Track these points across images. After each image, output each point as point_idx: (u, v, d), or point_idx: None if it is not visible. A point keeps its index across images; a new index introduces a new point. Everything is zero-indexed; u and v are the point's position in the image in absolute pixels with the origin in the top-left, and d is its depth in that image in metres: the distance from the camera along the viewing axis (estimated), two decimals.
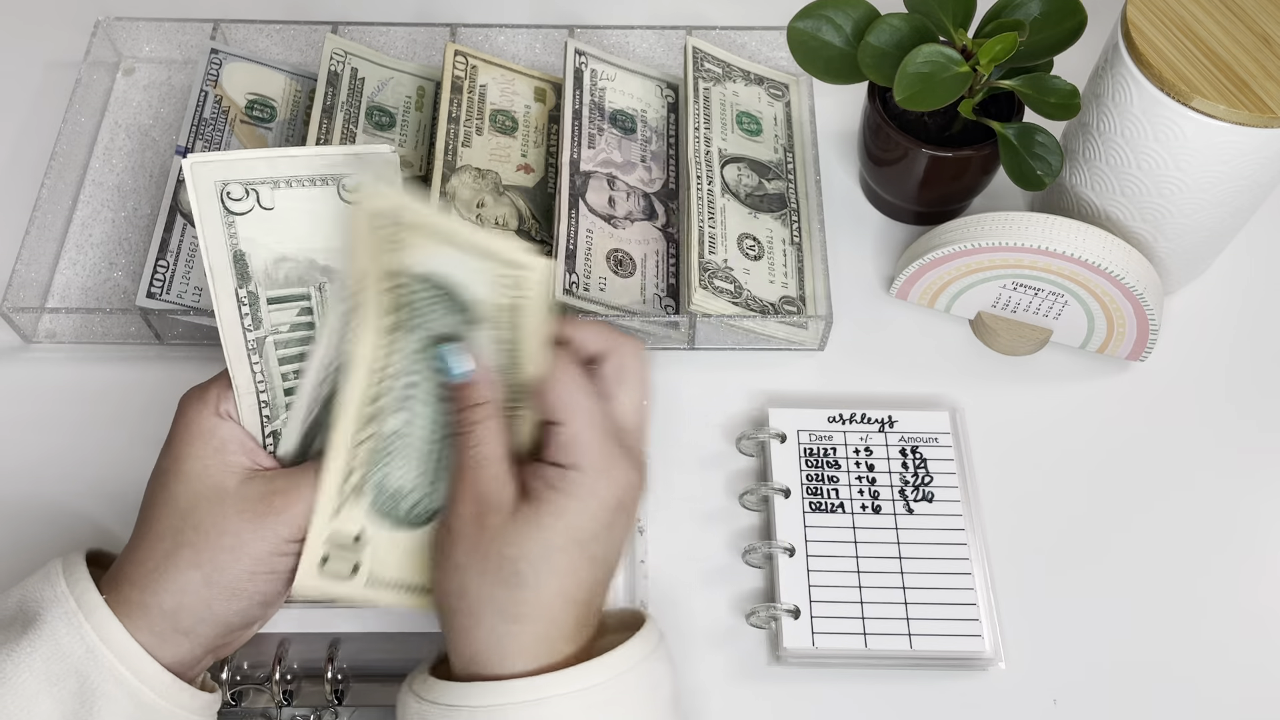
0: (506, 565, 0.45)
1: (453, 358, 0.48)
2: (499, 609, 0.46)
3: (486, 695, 0.45)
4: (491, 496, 0.47)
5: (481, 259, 0.46)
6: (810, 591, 0.59)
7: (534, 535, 0.45)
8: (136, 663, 0.47)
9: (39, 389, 0.67)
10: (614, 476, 0.47)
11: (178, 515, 0.48)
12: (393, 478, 0.50)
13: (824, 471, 0.63)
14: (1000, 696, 0.59)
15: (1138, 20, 0.61)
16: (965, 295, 0.68)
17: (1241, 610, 0.61)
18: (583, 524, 0.46)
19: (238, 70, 0.74)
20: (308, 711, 0.58)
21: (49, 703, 0.46)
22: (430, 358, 0.49)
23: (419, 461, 0.50)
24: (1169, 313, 0.71)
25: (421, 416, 0.50)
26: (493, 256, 0.46)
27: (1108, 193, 0.65)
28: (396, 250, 0.46)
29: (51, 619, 0.47)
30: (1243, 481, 0.66)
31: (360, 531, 0.50)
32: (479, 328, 0.48)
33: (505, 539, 0.46)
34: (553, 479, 0.46)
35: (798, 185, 0.73)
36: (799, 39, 0.66)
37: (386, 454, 0.50)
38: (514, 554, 0.45)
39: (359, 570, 0.50)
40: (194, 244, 0.68)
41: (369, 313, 0.48)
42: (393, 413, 0.49)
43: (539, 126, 0.74)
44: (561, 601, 0.46)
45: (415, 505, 0.51)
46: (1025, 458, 0.66)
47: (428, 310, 0.48)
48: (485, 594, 0.46)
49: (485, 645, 0.46)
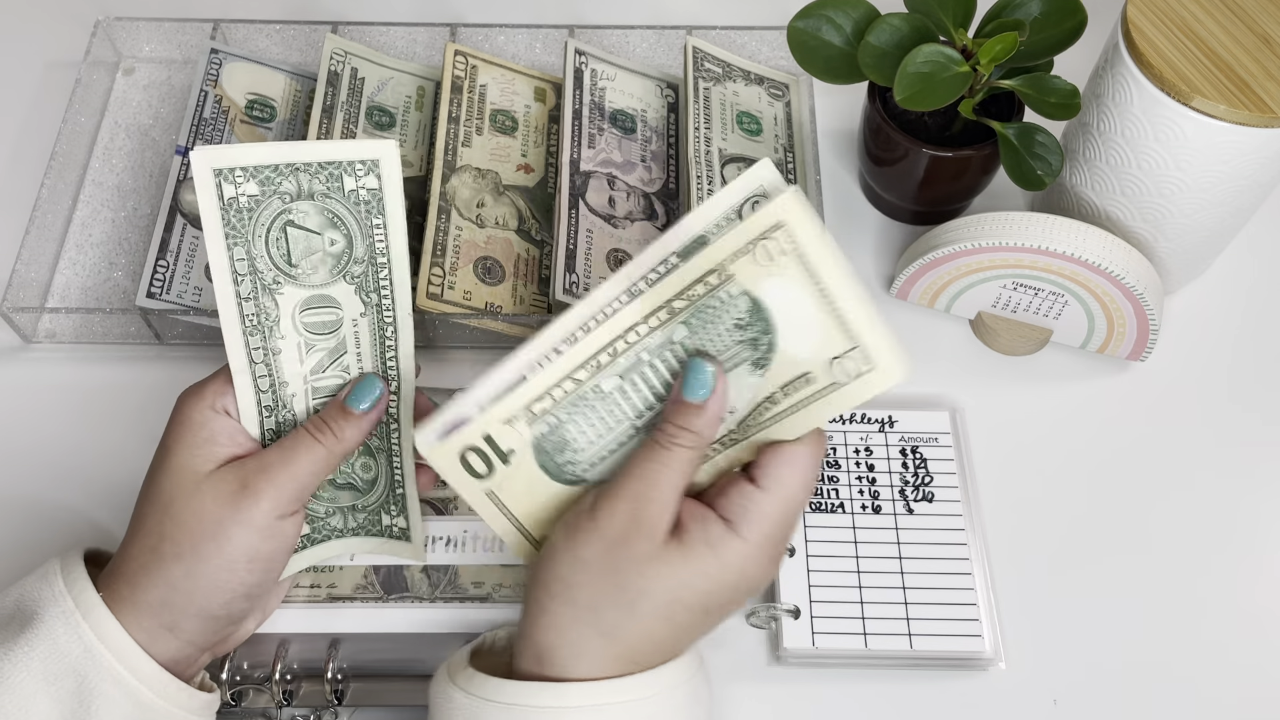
0: (629, 593, 0.45)
1: (701, 377, 0.46)
2: (599, 622, 0.45)
3: (545, 697, 0.45)
4: (649, 520, 0.45)
5: (842, 333, 0.44)
6: (810, 591, 0.59)
7: (669, 581, 0.45)
8: (134, 661, 0.47)
9: (39, 389, 0.67)
10: (763, 565, 0.46)
11: (161, 508, 0.48)
12: (571, 428, 0.49)
13: (824, 471, 0.63)
14: (1000, 696, 0.59)
15: (1138, 20, 0.61)
16: (965, 295, 0.68)
17: (1242, 610, 0.61)
18: (716, 592, 0.46)
19: (238, 70, 0.74)
20: (308, 711, 0.58)
21: (47, 702, 0.46)
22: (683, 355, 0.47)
23: (602, 431, 0.49)
24: (1169, 313, 0.71)
25: (635, 396, 0.48)
26: (859, 341, 0.44)
27: (1108, 193, 0.65)
28: (758, 263, 0.44)
29: (49, 618, 0.47)
30: (1243, 481, 0.66)
31: (512, 450, 0.49)
32: (760, 373, 0.46)
33: (641, 569, 0.45)
34: (714, 537, 0.45)
35: (798, 185, 0.73)
36: (799, 39, 0.66)
37: (583, 404, 0.48)
38: (643, 586, 0.45)
39: (488, 478, 0.49)
40: (194, 244, 0.68)
41: (669, 286, 0.46)
42: (615, 374, 0.48)
43: (539, 126, 0.74)
44: (656, 645, 0.46)
45: (572, 464, 0.49)
46: (1025, 458, 0.66)
47: (722, 324, 0.46)
48: (593, 603, 0.45)
49: (568, 647, 0.45)
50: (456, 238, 0.67)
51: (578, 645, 0.45)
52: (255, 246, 0.49)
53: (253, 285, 0.49)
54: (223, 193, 0.47)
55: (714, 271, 0.45)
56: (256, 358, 0.50)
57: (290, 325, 0.51)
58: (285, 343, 0.51)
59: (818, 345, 0.45)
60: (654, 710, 0.46)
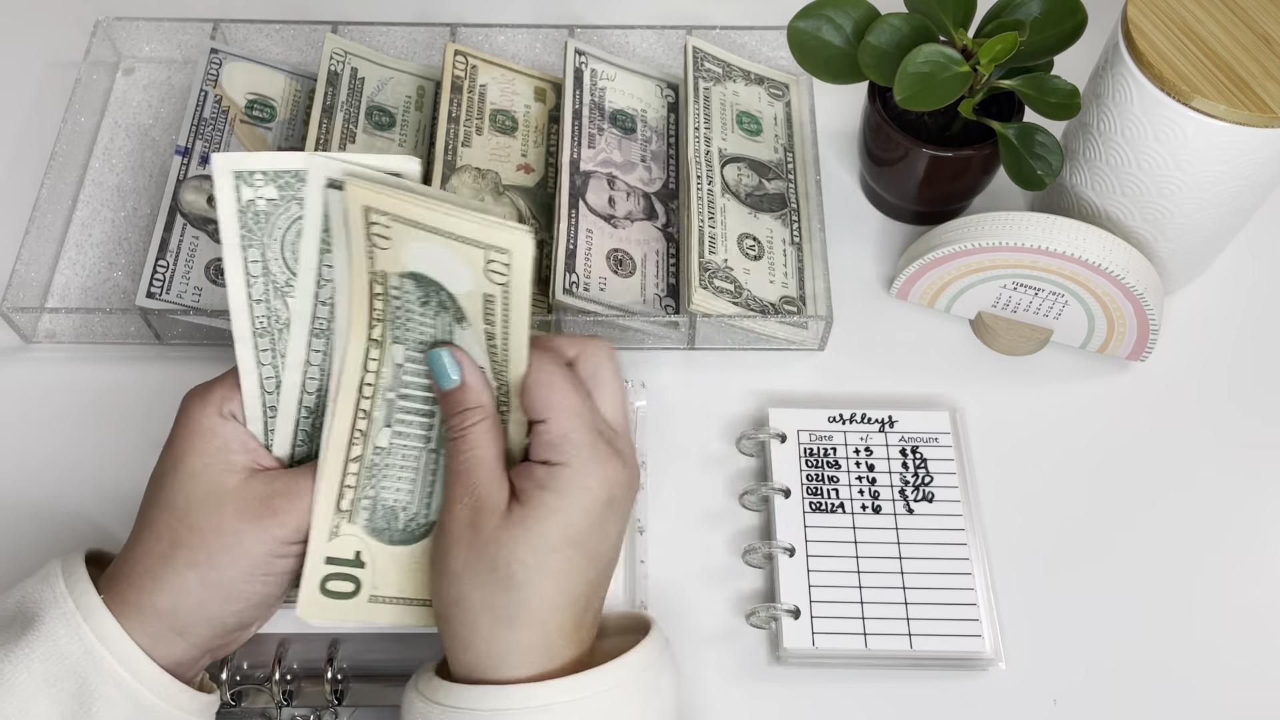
0: (500, 569, 0.45)
1: (444, 361, 0.48)
2: (495, 614, 0.45)
3: (490, 699, 0.45)
4: (485, 500, 0.46)
5: (463, 244, 0.45)
6: (810, 591, 0.59)
7: (527, 537, 0.45)
8: (134, 663, 0.47)
9: (39, 389, 0.67)
10: (604, 472, 0.47)
11: (175, 515, 0.48)
12: (387, 494, 0.50)
13: (824, 471, 0.63)
14: (1000, 696, 0.59)
15: (1138, 20, 0.61)
16: (965, 295, 0.68)
17: (1241, 610, 0.61)
18: (575, 521, 0.46)
19: (238, 70, 0.74)
20: (308, 711, 0.58)
21: (47, 704, 0.45)
22: (419, 364, 0.49)
23: (412, 476, 0.50)
24: (1169, 313, 0.71)
25: (412, 428, 0.50)
26: (477, 242, 0.45)
27: (1108, 193, 0.65)
28: (385, 248, 0.46)
29: (50, 620, 0.47)
30: (1243, 482, 0.66)
31: (359, 551, 0.50)
32: (467, 325, 0.48)
33: (499, 543, 0.45)
34: (542, 478, 0.46)
35: (798, 185, 0.73)
36: (799, 39, 0.66)
37: (380, 470, 0.50)
38: (508, 557, 0.45)
39: (360, 589, 0.50)
40: (194, 244, 0.68)
41: (356, 323, 0.47)
42: (382, 427, 0.49)
43: (539, 126, 0.74)
44: (558, 602, 0.46)
45: (411, 519, 0.51)
46: (1025, 458, 0.66)
47: (416, 314, 0.48)
48: (482, 600, 0.46)
49: (484, 651, 0.46)
50: None
51: (492, 645, 0.46)
52: (270, 250, 0.49)
53: (265, 287, 0.49)
54: (241, 195, 0.47)
55: (373, 282, 0.47)
56: (265, 360, 0.50)
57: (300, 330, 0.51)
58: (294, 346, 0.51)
59: (467, 269, 0.46)
60: (604, 706, 0.45)
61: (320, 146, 0.69)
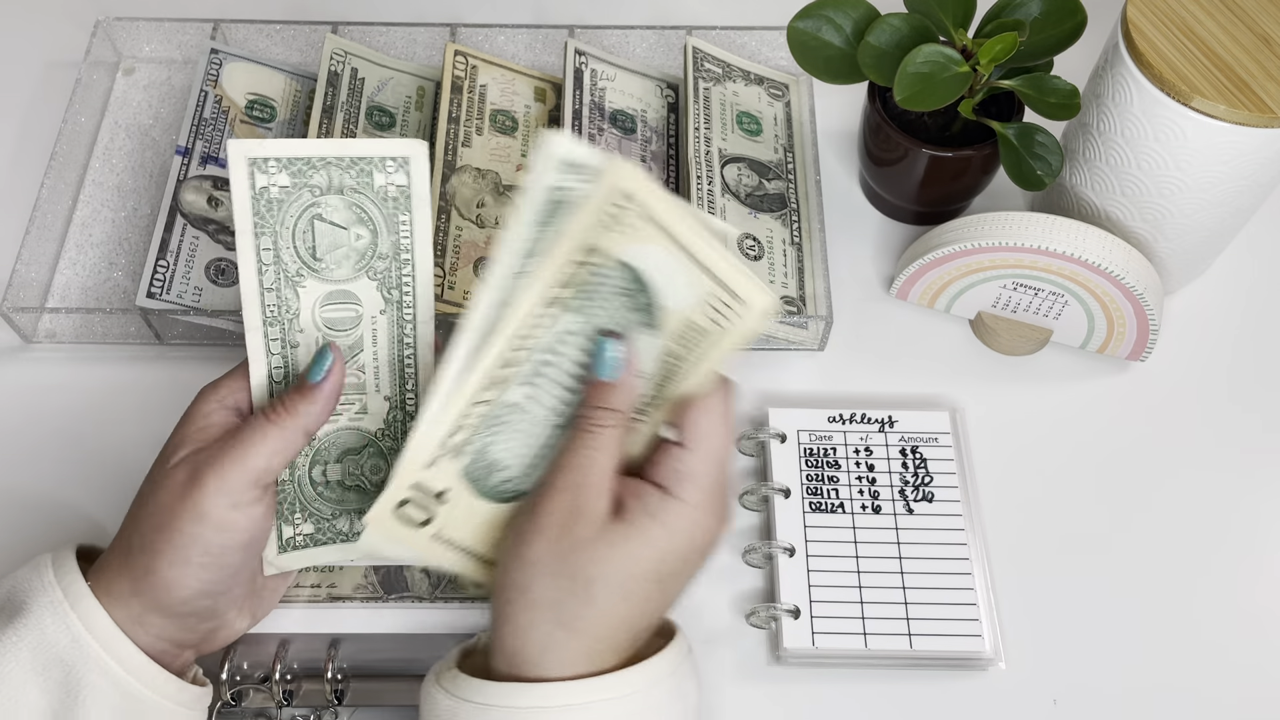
0: (580, 579, 0.45)
1: (611, 354, 0.46)
2: (559, 616, 0.45)
3: (525, 697, 0.44)
4: (586, 505, 0.45)
5: (704, 275, 0.45)
6: (810, 591, 0.59)
7: (618, 560, 0.45)
8: (122, 652, 0.47)
9: (39, 389, 0.67)
10: (709, 524, 0.46)
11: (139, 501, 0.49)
12: (495, 448, 0.49)
13: (824, 471, 0.63)
14: (1000, 696, 0.59)
15: (1138, 20, 0.61)
16: (965, 295, 0.68)
17: (1242, 610, 0.61)
18: (669, 559, 0.45)
19: (238, 70, 0.74)
20: (308, 711, 0.58)
21: (36, 692, 0.46)
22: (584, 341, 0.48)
23: (526, 441, 0.49)
24: (1169, 313, 0.71)
25: (545, 397, 0.48)
26: (720, 281, 0.45)
27: (1108, 193, 0.65)
28: (616, 231, 0.45)
29: (37, 608, 0.47)
30: (1243, 481, 0.66)
31: (446, 489, 0.49)
32: (656, 335, 0.47)
33: (589, 554, 0.45)
34: (653, 506, 0.45)
35: (798, 185, 0.73)
36: (799, 39, 0.66)
37: (498, 423, 0.48)
38: (594, 572, 0.45)
39: (430, 523, 0.49)
40: (194, 244, 0.68)
41: (539, 280, 0.46)
42: (519, 384, 0.48)
43: (539, 126, 0.74)
44: (622, 624, 0.46)
45: (506, 481, 0.50)
46: (1025, 458, 0.66)
47: (610, 298, 0.47)
48: (551, 598, 0.45)
49: (535, 647, 0.45)
50: (456, 238, 0.67)
51: (546, 642, 0.45)
52: (282, 238, 0.49)
53: (276, 276, 0.49)
54: (255, 182, 0.47)
55: (582, 251, 0.45)
56: (274, 349, 0.50)
57: (310, 319, 0.51)
58: (304, 336, 0.51)
59: (691, 294, 0.46)
60: (635, 707, 0.45)
61: None
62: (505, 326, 0.46)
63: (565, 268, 0.46)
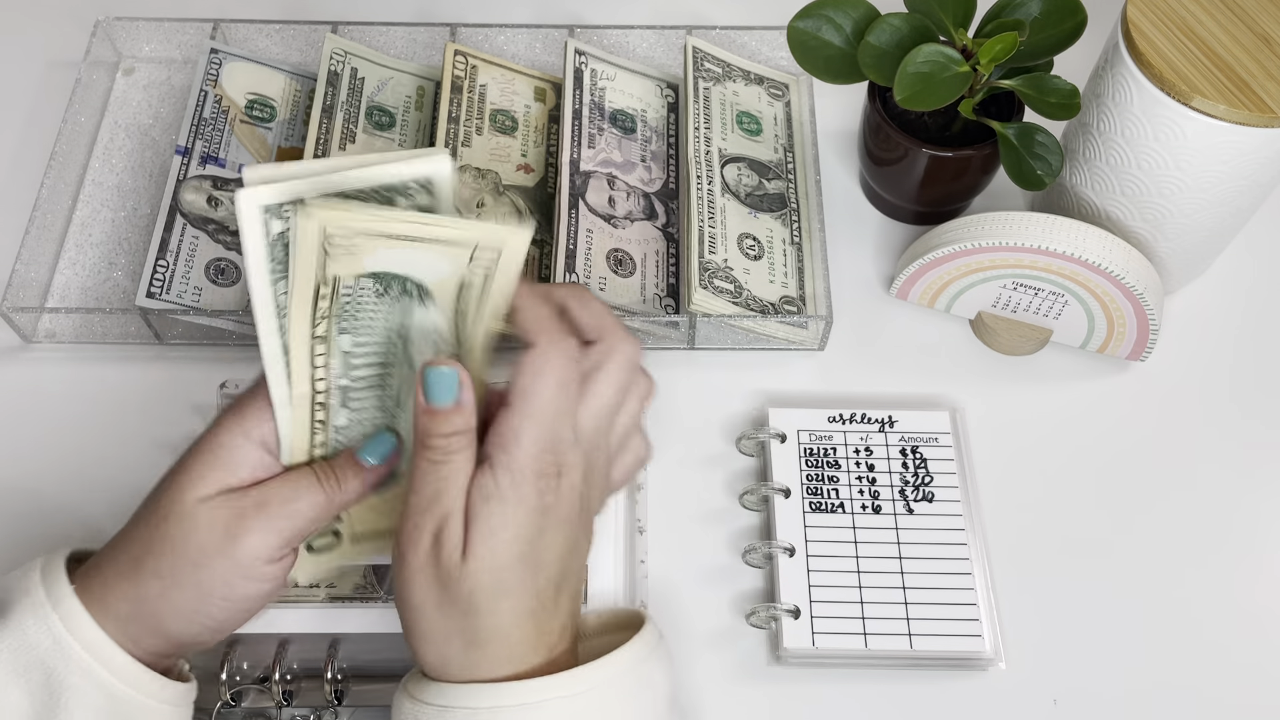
0: (463, 601, 0.45)
1: (443, 380, 0.45)
2: (465, 639, 0.45)
3: (481, 697, 0.45)
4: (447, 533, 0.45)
5: (447, 248, 0.45)
6: (810, 591, 0.59)
7: (478, 562, 0.44)
8: (104, 653, 0.46)
9: (39, 389, 0.67)
10: (541, 483, 0.45)
11: (154, 522, 0.47)
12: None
13: (824, 471, 0.63)
14: (1000, 696, 0.59)
15: (1138, 20, 0.61)
16: (965, 295, 0.68)
17: (1242, 610, 0.61)
18: (519, 534, 0.45)
19: (238, 70, 0.74)
20: (308, 711, 0.58)
21: (18, 694, 0.45)
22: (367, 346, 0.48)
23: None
24: (1169, 313, 0.71)
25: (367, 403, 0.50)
26: (463, 244, 0.45)
27: (1108, 193, 0.65)
28: (339, 258, 0.45)
29: (19, 610, 0.46)
30: (1243, 481, 0.66)
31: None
32: (432, 303, 0.47)
33: (458, 574, 0.45)
34: (487, 489, 0.45)
35: (798, 185, 0.73)
36: (799, 39, 0.66)
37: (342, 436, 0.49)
38: (470, 587, 0.44)
39: (340, 533, 0.51)
40: (194, 244, 0.68)
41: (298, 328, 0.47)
42: (339, 407, 0.49)
43: (539, 126, 0.74)
44: (515, 617, 0.45)
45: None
46: (1026, 458, 0.66)
47: (368, 306, 0.47)
48: (450, 629, 0.45)
49: (459, 668, 0.46)
50: None
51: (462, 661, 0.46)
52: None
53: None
54: (269, 229, 0.46)
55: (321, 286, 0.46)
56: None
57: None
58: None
59: (446, 265, 0.46)
60: (594, 702, 0.45)
61: (320, 146, 0.69)
62: (295, 369, 0.47)
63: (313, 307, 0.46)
